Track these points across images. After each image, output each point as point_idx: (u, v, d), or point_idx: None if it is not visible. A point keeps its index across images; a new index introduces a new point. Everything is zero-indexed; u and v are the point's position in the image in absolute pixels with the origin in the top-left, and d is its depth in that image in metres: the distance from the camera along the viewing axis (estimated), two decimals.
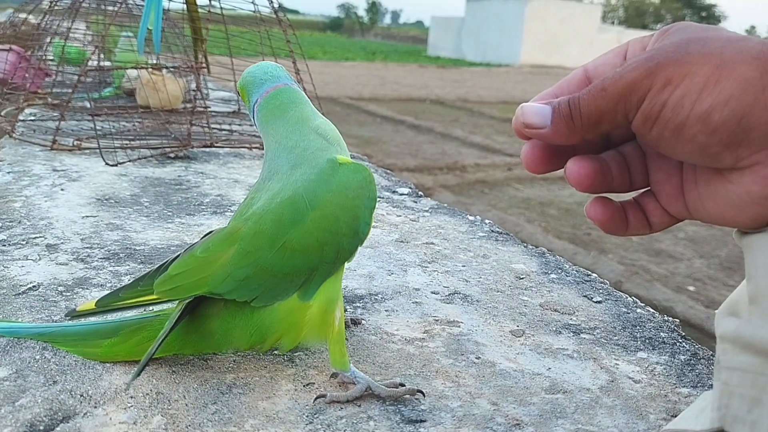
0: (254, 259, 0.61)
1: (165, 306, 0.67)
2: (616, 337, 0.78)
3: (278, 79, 0.70)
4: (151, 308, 0.71)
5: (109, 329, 0.66)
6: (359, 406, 0.60)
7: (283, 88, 0.69)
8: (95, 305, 0.66)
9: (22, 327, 0.69)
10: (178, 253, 0.66)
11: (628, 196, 0.56)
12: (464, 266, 0.98)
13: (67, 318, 0.70)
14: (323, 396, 0.61)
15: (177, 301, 0.64)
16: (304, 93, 0.71)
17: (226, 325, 0.64)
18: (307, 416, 0.59)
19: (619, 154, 0.55)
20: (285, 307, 0.62)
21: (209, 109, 2.00)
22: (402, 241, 1.08)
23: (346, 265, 0.65)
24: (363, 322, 0.76)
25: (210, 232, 0.66)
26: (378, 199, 1.32)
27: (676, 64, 0.45)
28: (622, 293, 0.92)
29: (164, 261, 0.66)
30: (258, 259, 0.61)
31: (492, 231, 1.17)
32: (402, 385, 0.63)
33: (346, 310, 0.73)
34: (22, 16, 2.51)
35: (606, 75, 0.48)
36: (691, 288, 3.92)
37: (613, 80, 0.47)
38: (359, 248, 0.64)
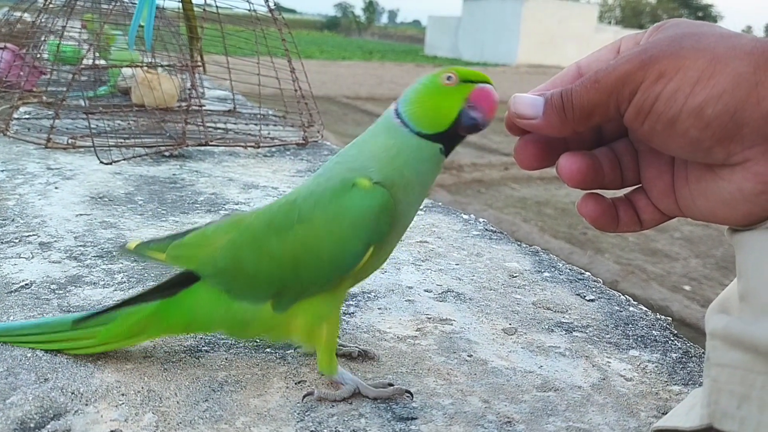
0: (236, 252, 0.61)
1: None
2: (609, 335, 0.78)
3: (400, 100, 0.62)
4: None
5: (104, 318, 0.65)
6: (350, 403, 0.60)
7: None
8: (134, 248, 0.68)
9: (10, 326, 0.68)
10: (213, 221, 0.68)
11: (620, 193, 0.56)
12: (458, 264, 0.98)
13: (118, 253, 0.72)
14: (311, 393, 0.61)
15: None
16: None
17: (209, 306, 0.64)
18: (298, 414, 0.59)
19: (610, 150, 0.55)
20: (260, 310, 0.62)
21: (204, 108, 2.00)
22: None
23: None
24: (376, 357, 0.69)
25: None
26: None
27: (670, 58, 0.45)
28: (614, 291, 0.92)
29: (200, 226, 0.67)
30: (238, 254, 0.61)
31: (486, 230, 1.17)
32: (391, 384, 0.62)
33: (356, 348, 0.70)
34: (17, 14, 2.50)
35: (599, 68, 0.48)
36: (687, 287, 3.93)
37: (606, 72, 0.47)
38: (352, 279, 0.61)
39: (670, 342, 0.77)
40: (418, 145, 0.59)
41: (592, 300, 0.88)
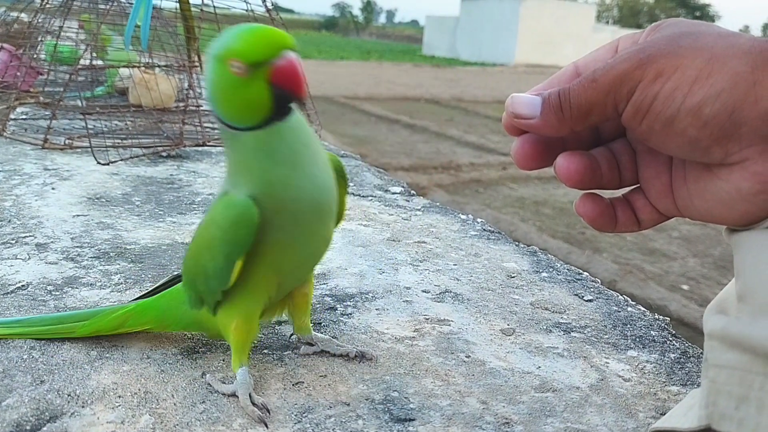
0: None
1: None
2: (607, 336, 0.78)
3: None
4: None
5: (86, 314, 0.69)
6: (348, 405, 0.60)
7: None
8: None
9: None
10: None
11: (619, 193, 0.56)
12: (455, 265, 0.98)
13: None
14: (204, 375, 0.64)
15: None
16: None
17: (175, 304, 0.67)
18: (295, 415, 0.58)
19: (608, 150, 0.55)
20: (200, 313, 0.65)
21: (202, 108, 1.99)
22: (393, 240, 1.08)
23: (335, 264, 0.65)
24: (374, 358, 0.69)
25: None
26: (370, 198, 1.31)
27: (668, 57, 0.45)
28: (613, 292, 0.92)
29: None
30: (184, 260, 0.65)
31: (484, 230, 1.17)
32: (266, 407, 0.58)
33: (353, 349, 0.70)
34: (14, 14, 2.50)
35: (597, 67, 0.48)
36: (685, 287, 3.93)
37: (604, 71, 0.47)
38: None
39: (668, 342, 0.77)
40: (246, 139, 0.55)
41: (590, 300, 0.88)
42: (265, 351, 0.69)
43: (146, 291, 0.71)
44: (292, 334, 0.70)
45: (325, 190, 0.59)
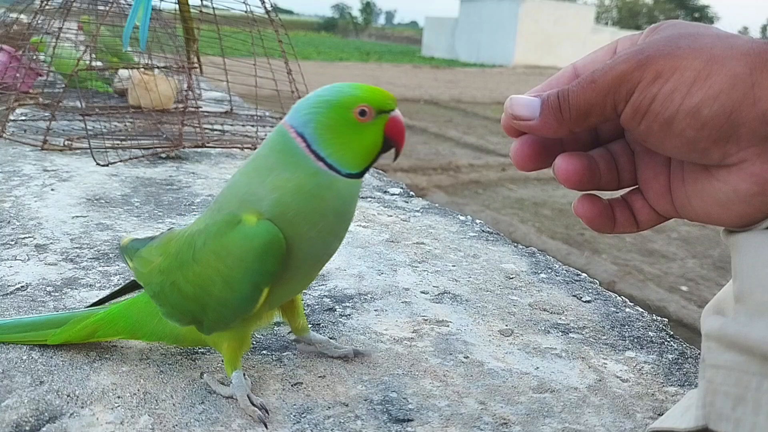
0: (160, 279, 0.61)
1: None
2: (605, 337, 0.78)
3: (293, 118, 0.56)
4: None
5: (59, 320, 0.67)
6: (346, 405, 0.60)
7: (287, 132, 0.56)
8: (124, 245, 0.69)
9: None
10: (161, 233, 0.67)
11: (617, 194, 0.56)
12: (454, 266, 0.98)
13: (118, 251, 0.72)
14: (202, 375, 0.63)
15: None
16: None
17: (148, 317, 0.64)
18: (294, 416, 0.59)
19: (607, 151, 0.55)
20: (186, 329, 0.63)
21: (201, 110, 1.99)
22: (392, 241, 1.08)
23: (334, 265, 0.64)
24: (370, 355, 0.70)
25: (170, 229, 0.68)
26: (369, 199, 1.32)
27: (667, 58, 0.45)
28: (611, 293, 0.92)
29: (157, 236, 0.67)
30: (161, 282, 0.61)
31: (482, 231, 1.17)
32: (265, 408, 0.58)
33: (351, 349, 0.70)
34: (14, 15, 2.50)
35: (596, 68, 0.49)
36: (684, 288, 3.94)
37: (603, 72, 0.47)
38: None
39: (666, 343, 0.77)
40: (340, 184, 0.55)
41: (588, 301, 0.88)
42: (264, 352, 0.69)
43: (104, 296, 0.71)
44: (289, 332, 0.70)
45: (344, 231, 0.60)
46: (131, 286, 0.71)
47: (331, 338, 0.72)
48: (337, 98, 0.54)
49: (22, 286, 0.82)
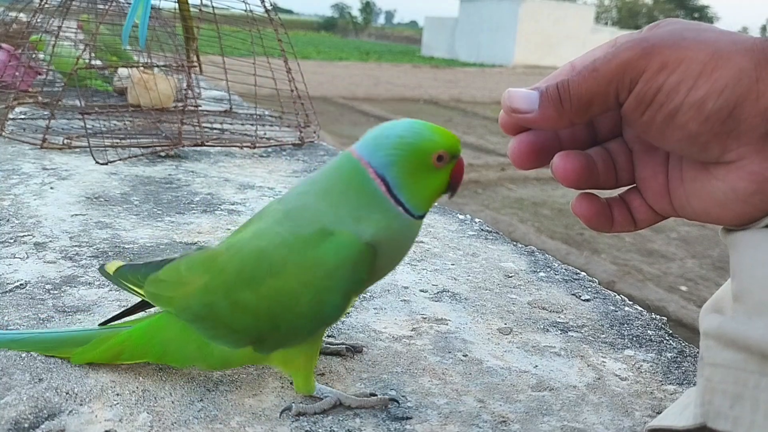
0: (211, 300, 0.58)
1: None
2: (604, 335, 0.78)
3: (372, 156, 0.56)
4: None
5: (82, 337, 0.64)
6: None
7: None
8: (113, 272, 0.65)
9: None
10: (186, 253, 0.64)
11: (615, 193, 0.56)
12: (453, 265, 0.98)
13: (100, 272, 0.67)
14: (289, 409, 0.58)
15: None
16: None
17: (181, 342, 0.61)
18: (293, 413, 0.59)
19: (604, 150, 0.55)
20: (238, 352, 0.60)
21: (200, 108, 1.99)
22: None
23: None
24: (364, 349, 0.71)
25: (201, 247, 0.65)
26: None
27: (672, 48, 0.45)
28: (610, 291, 0.92)
29: (174, 257, 0.63)
30: (213, 302, 0.58)
31: (482, 230, 1.17)
32: (374, 395, 0.61)
33: (342, 343, 0.70)
34: (13, 14, 2.50)
35: (597, 56, 0.48)
36: (684, 288, 3.94)
37: (606, 60, 0.47)
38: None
39: (665, 342, 0.77)
40: (412, 227, 0.57)
41: (587, 300, 0.88)
42: None
43: (119, 312, 0.67)
44: None
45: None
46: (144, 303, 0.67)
47: (329, 336, 0.72)
48: (419, 143, 0.55)
49: (21, 284, 0.82)
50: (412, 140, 0.55)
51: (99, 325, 0.67)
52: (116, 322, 0.67)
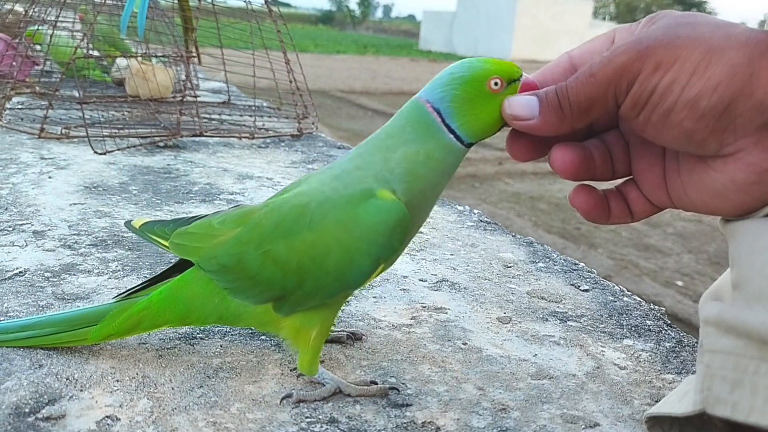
0: (241, 250, 0.58)
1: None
2: (603, 325, 0.78)
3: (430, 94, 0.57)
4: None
5: (96, 314, 0.63)
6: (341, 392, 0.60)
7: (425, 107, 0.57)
8: (139, 227, 0.67)
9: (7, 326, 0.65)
10: (221, 210, 0.66)
11: (612, 184, 0.56)
12: (452, 255, 0.98)
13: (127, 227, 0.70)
14: (289, 396, 0.59)
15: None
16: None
17: (204, 298, 0.62)
18: (293, 401, 0.59)
19: (601, 142, 0.55)
20: (256, 309, 0.60)
21: (199, 99, 1.99)
22: None
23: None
24: (364, 337, 0.71)
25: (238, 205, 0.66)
26: None
27: (667, 48, 0.45)
28: (609, 282, 0.92)
29: (208, 214, 0.65)
30: (242, 253, 0.58)
31: (480, 221, 1.17)
32: (374, 383, 0.61)
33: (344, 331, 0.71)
34: (9, 5, 2.48)
35: (593, 61, 0.48)
36: (680, 283, 3.95)
37: (602, 65, 0.47)
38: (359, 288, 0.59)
39: (663, 332, 0.78)
40: (458, 154, 0.57)
41: (586, 290, 0.88)
42: (263, 337, 0.70)
43: (134, 287, 0.66)
44: None
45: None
46: (161, 277, 0.66)
47: None
48: (470, 73, 0.56)
49: (20, 272, 0.82)
50: (463, 73, 0.56)
51: (113, 299, 0.66)
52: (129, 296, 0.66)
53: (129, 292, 0.65)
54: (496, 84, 0.55)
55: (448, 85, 0.56)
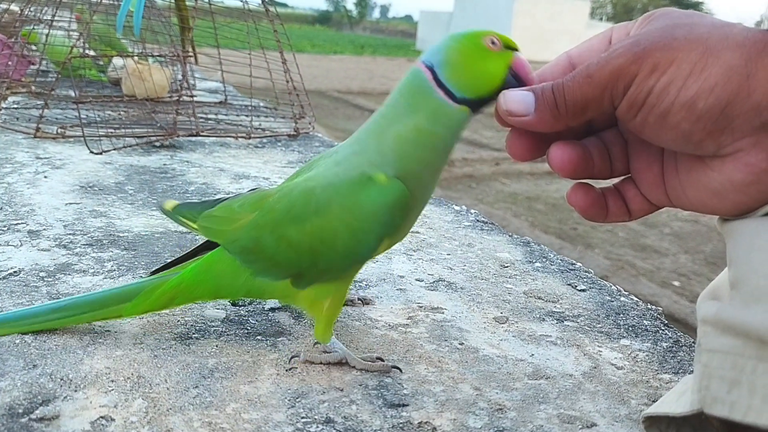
0: (258, 234, 0.62)
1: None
2: (600, 325, 0.78)
3: (426, 57, 0.59)
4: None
5: (129, 292, 0.67)
6: (341, 390, 0.60)
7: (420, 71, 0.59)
8: (171, 209, 0.72)
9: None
10: (243, 192, 0.69)
11: (610, 183, 0.56)
12: (449, 254, 0.98)
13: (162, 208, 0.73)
14: (297, 355, 0.64)
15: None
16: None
17: (232, 275, 0.66)
18: (289, 400, 0.58)
19: (600, 140, 0.55)
20: (278, 284, 0.65)
21: (195, 99, 1.98)
22: None
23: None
24: (373, 302, 0.77)
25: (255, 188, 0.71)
26: None
27: (663, 50, 0.45)
28: (606, 282, 0.92)
29: (230, 195, 0.70)
30: (260, 237, 0.62)
31: (477, 221, 1.17)
32: (380, 359, 0.65)
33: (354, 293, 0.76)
34: (4, 5, 2.48)
35: (591, 61, 0.48)
36: (676, 283, 3.96)
37: (599, 66, 0.47)
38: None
39: (660, 331, 0.77)
40: (451, 116, 0.57)
41: (583, 290, 0.88)
42: (259, 337, 0.69)
43: (164, 264, 0.71)
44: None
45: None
46: (189, 255, 0.71)
47: None
48: (467, 32, 0.58)
49: (15, 271, 0.81)
50: (461, 32, 0.58)
51: (150, 273, 0.71)
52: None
53: (159, 269, 0.70)
54: (493, 42, 0.57)
55: (444, 43, 0.58)
